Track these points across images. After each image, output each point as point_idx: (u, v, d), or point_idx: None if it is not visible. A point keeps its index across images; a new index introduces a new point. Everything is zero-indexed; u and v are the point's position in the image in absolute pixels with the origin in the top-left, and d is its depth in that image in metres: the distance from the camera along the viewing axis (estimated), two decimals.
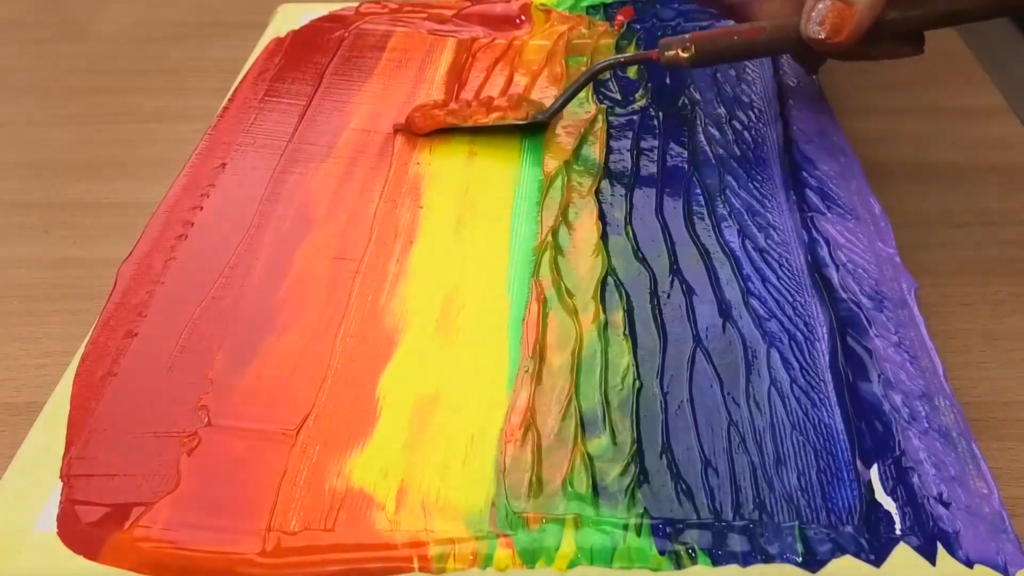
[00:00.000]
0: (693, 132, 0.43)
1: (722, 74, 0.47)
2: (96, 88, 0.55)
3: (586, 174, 0.40)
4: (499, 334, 0.33)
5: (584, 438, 0.29)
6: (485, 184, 0.40)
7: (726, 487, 0.28)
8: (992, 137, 0.48)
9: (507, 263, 0.36)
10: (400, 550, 0.26)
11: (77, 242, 0.43)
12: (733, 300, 0.34)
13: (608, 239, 0.37)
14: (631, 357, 0.32)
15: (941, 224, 0.42)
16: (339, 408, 0.30)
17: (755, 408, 0.30)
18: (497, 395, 0.31)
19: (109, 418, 0.30)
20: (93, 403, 0.30)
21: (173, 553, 0.26)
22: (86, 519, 0.27)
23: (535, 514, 0.27)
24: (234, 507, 0.27)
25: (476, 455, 0.29)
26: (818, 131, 0.43)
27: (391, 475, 0.28)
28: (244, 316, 0.33)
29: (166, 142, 0.49)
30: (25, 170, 0.48)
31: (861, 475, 0.28)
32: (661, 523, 0.27)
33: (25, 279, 0.41)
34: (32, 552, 0.27)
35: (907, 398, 0.30)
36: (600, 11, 0.52)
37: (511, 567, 0.26)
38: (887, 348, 0.32)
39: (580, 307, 0.34)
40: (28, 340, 0.37)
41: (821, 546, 0.26)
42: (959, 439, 0.29)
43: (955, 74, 0.53)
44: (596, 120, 0.43)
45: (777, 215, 0.38)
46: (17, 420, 0.34)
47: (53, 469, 0.28)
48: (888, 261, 0.35)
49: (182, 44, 0.59)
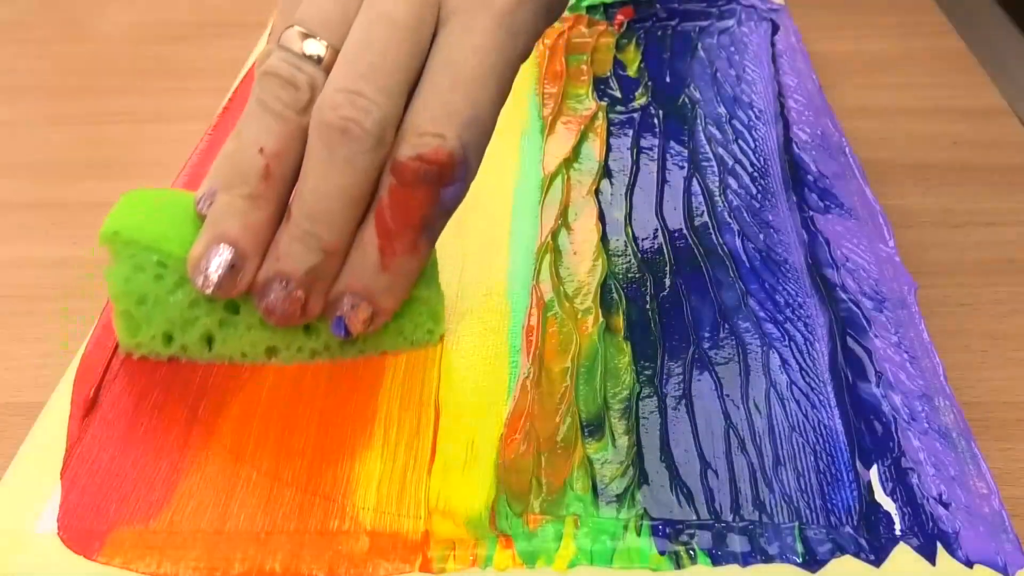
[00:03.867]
0: (693, 132, 0.43)
1: (722, 74, 0.47)
2: (96, 88, 0.55)
3: (586, 173, 0.40)
4: (499, 338, 0.33)
5: (584, 440, 0.29)
6: (485, 184, 0.40)
7: (725, 489, 0.28)
8: (992, 137, 0.48)
9: (507, 265, 0.36)
10: (400, 550, 0.26)
11: (77, 242, 0.43)
12: (732, 301, 0.34)
13: (608, 240, 0.37)
14: (631, 359, 0.32)
15: (941, 224, 0.42)
16: (339, 410, 0.30)
17: (754, 409, 0.30)
18: (497, 399, 0.31)
19: (109, 418, 0.30)
20: (93, 403, 0.30)
21: (173, 553, 0.26)
22: (86, 519, 0.27)
23: (535, 515, 0.27)
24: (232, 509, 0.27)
25: (477, 458, 0.29)
26: (818, 131, 0.43)
27: (391, 477, 0.28)
28: None
29: (166, 142, 0.49)
30: (25, 170, 0.48)
31: (861, 475, 0.28)
32: (661, 523, 0.27)
33: (25, 279, 0.41)
34: (32, 552, 0.27)
35: (907, 398, 0.30)
36: (600, 10, 0.52)
37: (511, 567, 0.26)
38: (887, 348, 0.32)
39: (580, 310, 0.34)
40: (28, 340, 0.37)
41: (821, 546, 0.26)
42: (959, 439, 0.29)
43: (955, 74, 0.53)
44: (596, 117, 0.43)
45: (777, 215, 0.38)
46: (17, 420, 0.34)
47: (53, 469, 0.28)
48: (888, 261, 0.35)
49: (182, 44, 0.59)
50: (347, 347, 0.32)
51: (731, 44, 0.49)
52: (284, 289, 0.29)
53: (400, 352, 0.32)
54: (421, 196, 0.29)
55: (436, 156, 0.28)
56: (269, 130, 0.29)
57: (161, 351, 0.32)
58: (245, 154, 0.29)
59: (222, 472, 0.28)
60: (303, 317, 0.30)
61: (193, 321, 0.31)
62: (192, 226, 0.30)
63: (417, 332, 0.32)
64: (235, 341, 0.31)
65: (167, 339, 0.31)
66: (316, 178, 0.28)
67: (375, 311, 0.30)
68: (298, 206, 0.29)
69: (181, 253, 0.30)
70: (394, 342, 0.32)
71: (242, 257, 0.29)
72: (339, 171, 0.28)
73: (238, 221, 0.29)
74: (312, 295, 0.30)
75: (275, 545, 0.26)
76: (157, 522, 0.27)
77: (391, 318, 0.31)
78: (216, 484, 0.28)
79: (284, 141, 0.29)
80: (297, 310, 0.30)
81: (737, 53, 0.49)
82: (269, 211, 0.29)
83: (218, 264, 0.29)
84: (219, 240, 0.29)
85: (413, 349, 0.32)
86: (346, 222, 0.29)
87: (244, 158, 0.29)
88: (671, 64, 0.48)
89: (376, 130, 0.28)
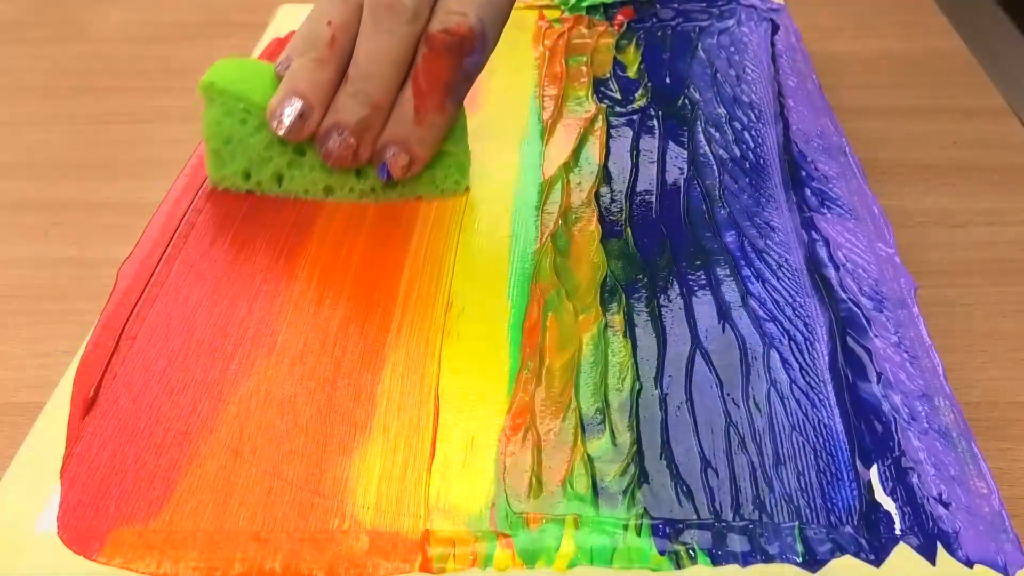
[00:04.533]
0: (693, 132, 0.43)
1: (722, 74, 0.47)
2: (96, 88, 0.55)
3: (586, 176, 0.40)
4: (499, 336, 0.33)
5: (584, 439, 0.29)
6: (485, 186, 0.40)
7: (726, 487, 0.28)
8: (992, 137, 0.48)
9: (507, 266, 0.36)
10: (400, 550, 0.26)
11: (77, 242, 0.43)
12: (732, 301, 0.34)
13: (607, 241, 0.37)
14: (631, 358, 0.32)
15: (941, 224, 0.42)
16: (338, 409, 0.30)
17: (754, 409, 0.30)
18: (497, 397, 0.31)
19: (109, 418, 0.30)
20: (93, 403, 0.30)
21: (173, 553, 0.26)
22: (86, 519, 0.27)
23: (535, 514, 0.27)
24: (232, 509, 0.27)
25: (476, 456, 0.29)
26: (818, 131, 0.43)
27: (391, 476, 0.28)
28: (245, 317, 0.33)
29: (166, 142, 0.49)
30: (25, 170, 0.48)
31: (861, 475, 0.28)
32: (661, 523, 0.27)
33: (25, 279, 0.41)
34: (32, 552, 0.27)
35: (907, 398, 0.30)
36: (600, 11, 0.52)
37: (511, 567, 0.26)
38: (887, 348, 0.32)
39: (580, 309, 0.34)
40: (28, 340, 0.37)
41: (821, 546, 0.26)
42: (959, 439, 0.29)
43: (955, 74, 0.53)
44: (596, 119, 0.43)
45: (777, 215, 0.38)
46: (17, 420, 0.34)
47: (53, 469, 0.28)
48: (888, 261, 0.35)
49: (182, 44, 0.59)
50: (389, 190, 0.39)
51: (731, 44, 0.49)
52: (340, 137, 0.37)
53: (408, 307, 0.34)
54: (447, 63, 0.36)
55: (459, 29, 0.36)
56: (335, 8, 0.37)
57: (241, 185, 0.39)
58: (316, 26, 0.37)
59: (222, 471, 0.28)
60: (354, 161, 0.37)
61: (268, 160, 0.38)
62: (271, 84, 0.38)
63: (446, 181, 0.39)
64: (300, 180, 0.38)
65: (246, 175, 0.39)
66: (367, 45, 0.36)
67: (412, 159, 0.37)
68: (353, 69, 0.37)
69: (262, 103, 0.37)
70: (427, 188, 0.39)
71: (309, 108, 0.37)
72: (384, 39, 0.36)
73: (308, 79, 0.37)
74: (362, 143, 0.37)
75: (275, 545, 0.26)
76: (157, 522, 0.27)
77: (424, 167, 0.38)
78: (216, 483, 0.28)
79: (346, 17, 0.37)
80: (350, 155, 0.37)
81: (737, 53, 0.49)
82: (332, 73, 0.37)
83: (290, 112, 0.37)
84: (292, 94, 0.37)
85: (443, 197, 0.39)
86: (390, 82, 0.37)
87: (315, 29, 0.37)
88: (671, 64, 0.48)
89: (413, 6, 0.36)
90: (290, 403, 0.30)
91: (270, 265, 0.36)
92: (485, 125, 0.43)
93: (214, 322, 0.33)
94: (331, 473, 0.28)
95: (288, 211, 0.38)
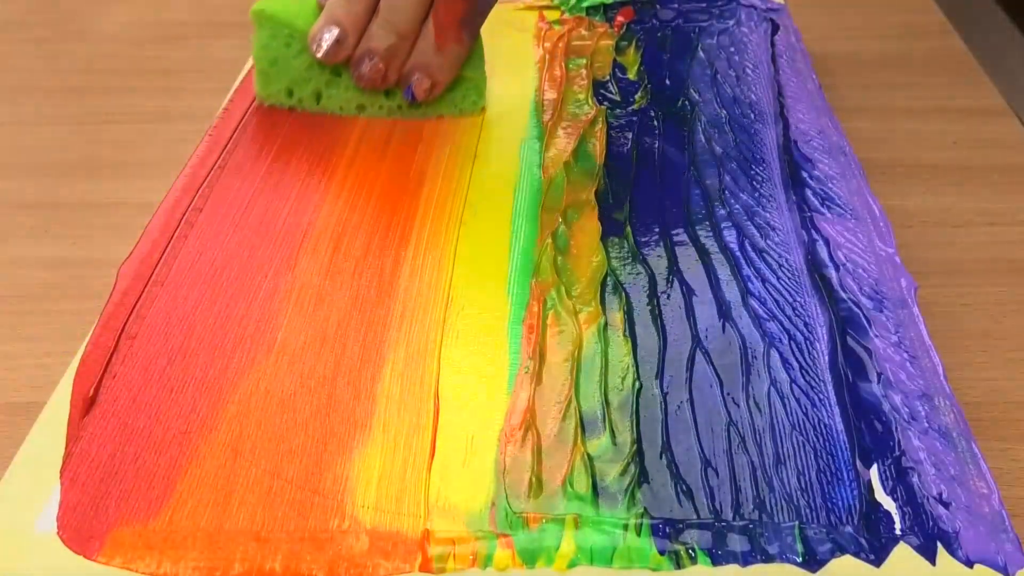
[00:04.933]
0: (693, 133, 0.43)
1: (722, 74, 0.47)
2: (96, 88, 0.55)
3: (586, 175, 0.40)
4: (499, 335, 0.33)
5: (584, 438, 0.29)
6: (485, 186, 0.40)
7: (726, 487, 0.28)
8: (992, 137, 0.48)
9: (507, 264, 0.36)
10: (400, 550, 0.26)
11: (77, 242, 0.43)
12: (732, 300, 0.34)
13: (608, 240, 0.37)
14: (631, 358, 0.32)
15: (941, 224, 0.42)
16: (338, 407, 0.30)
17: (755, 408, 0.30)
18: (497, 395, 0.31)
19: (109, 417, 0.30)
20: (93, 403, 0.30)
21: (173, 552, 0.26)
22: (86, 519, 0.27)
23: (535, 514, 0.27)
24: (231, 508, 0.27)
25: (476, 455, 0.29)
26: (818, 131, 0.43)
27: (390, 475, 0.28)
28: (245, 316, 0.33)
29: (166, 142, 0.49)
30: (25, 170, 0.48)
31: (861, 475, 0.28)
32: (661, 523, 0.27)
33: (25, 279, 0.41)
34: (32, 552, 0.27)
35: (907, 398, 0.30)
36: (600, 12, 0.52)
37: (511, 567, 0.26)
38: (887, 348, 0.32)
39: (580, 308, 0.34)
40: (28, 340, 0.37)
41: (821, 546, 0.26)
42: (959, 439, 0.29)
43: (955, 74, 0.53)
44: (596, 121, 0.43)
45: (777, 215, 0.38)
46: (17, 420, 0.34)
47: (53, 469, 0.28)
48: (888, 261, 0.35)
49: (182, 44, 0.59)
50: (413, 109, 0.44)
51: (731, 44, 0.49)
52: (371, 61, 0.42)
53: (414, 285, 0.35)
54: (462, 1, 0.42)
55: None
56: None
57: (284, 102, 0.44)
58: None
59: (222, 470, 0.28)
60: (383, 83, 0.43)
61: (308, 80, 0.43)
62: (313, 14, 0.43)
63: (465, 102, 0.44)
64: (336, 98, 0.44)
65: (288, 92, 0.44)
66: None
67: (433, 83, 0.43)
68: (383, 2, 0.42)
69: (305, 29, 0.42)
70: (448, 108, 0.44)
71: (345, 34, 0.42)
72: None
73: (344, 10, 0.42)
74: (390, 68, 0.43)
75: (275, 544, 0.26)
76: (157, 521, 0.27)
77: (444, 89, 0.43)
78: (216, 482, 0.28)
79: None
80: (379, 77, 0.42)
81: (737, 53, 0.49)
82: (365, 5, 0.42)
83: (328, 38, 0.42)
84: (331, 22, 0.42)
85: (462, 115, 0.44)
86: (414, 15, 0.42)
87: None
88: (670, 65, 0.48)
89: None
90: (290, 401, 0.30)
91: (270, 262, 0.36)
92: (485, 126, 0.44)
93: (214, 321, 0.33)
94: (331, 472, 0.28)
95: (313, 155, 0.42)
